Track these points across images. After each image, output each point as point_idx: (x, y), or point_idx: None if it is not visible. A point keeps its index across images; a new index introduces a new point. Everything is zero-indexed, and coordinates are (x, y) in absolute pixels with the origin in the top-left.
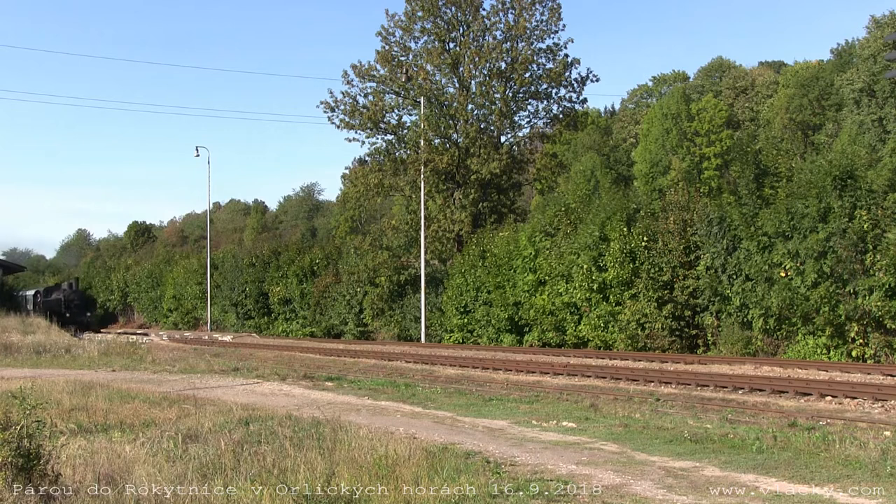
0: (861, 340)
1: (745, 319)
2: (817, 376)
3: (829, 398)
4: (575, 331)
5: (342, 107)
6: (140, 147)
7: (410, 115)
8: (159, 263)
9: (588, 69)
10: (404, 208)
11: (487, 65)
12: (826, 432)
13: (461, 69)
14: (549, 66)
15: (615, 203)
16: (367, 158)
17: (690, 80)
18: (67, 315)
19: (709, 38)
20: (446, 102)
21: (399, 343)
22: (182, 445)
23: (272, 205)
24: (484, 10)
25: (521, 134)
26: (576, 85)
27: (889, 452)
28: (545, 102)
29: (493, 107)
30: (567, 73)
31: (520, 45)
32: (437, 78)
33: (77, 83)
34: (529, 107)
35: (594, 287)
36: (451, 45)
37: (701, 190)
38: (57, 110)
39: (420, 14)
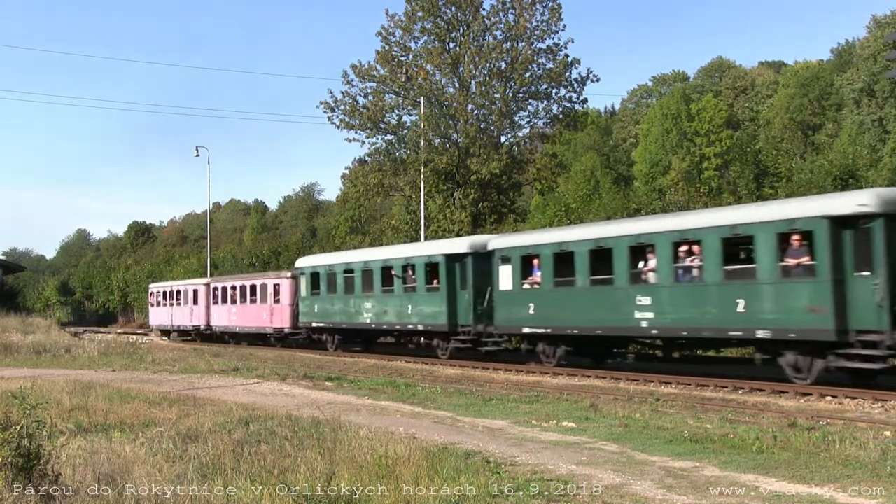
0: None
1: None
2: None
3: (829, 398)
4: None
5: (342, 107)
6: (140, 147)
7: (410, 115)
8: (159, 263)
9: (588, 69)
10: (404, 208)
11: (487, 65)
12: (826, 432)
13: (461, 69)
14: (550, 66)
15: (616, 203)
16: (367, 158)
17: (690, 80)
18: None
19: (709, 38)
20: (446, 102)
21: None
22: (182, 445)
23: (272, 205)
24: (484, 10)
25: (521, 134)
26: (576, 85)
27: (889, 452)
28: (545, 102)
29: (493, 107)
30: (567, 74)
31: (520, 45)
32: (437, 78)
33: (77, 83)
34: (529, 107)
35: None
36: (451, 45)
37: (701, 190)
38: (57, 110)
39: (420, 14)
